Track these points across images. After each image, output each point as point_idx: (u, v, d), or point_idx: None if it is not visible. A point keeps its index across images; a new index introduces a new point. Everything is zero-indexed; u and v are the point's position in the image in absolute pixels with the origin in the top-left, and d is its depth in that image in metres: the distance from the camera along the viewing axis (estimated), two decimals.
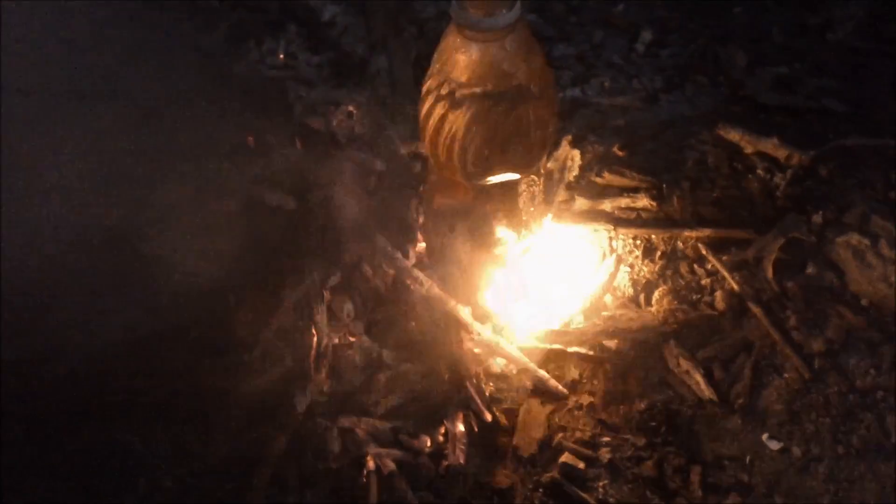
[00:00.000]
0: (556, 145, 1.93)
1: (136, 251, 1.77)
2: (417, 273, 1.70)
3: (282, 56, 2.15)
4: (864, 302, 1.75)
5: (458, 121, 1.41)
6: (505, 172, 1.46)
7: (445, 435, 1.61)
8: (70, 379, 1.63)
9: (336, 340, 1.69)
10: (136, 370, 1.65)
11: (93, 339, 1.65)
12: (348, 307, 1.71)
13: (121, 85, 1.99)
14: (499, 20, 1.32)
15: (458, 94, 1.39)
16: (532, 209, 1.60)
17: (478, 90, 1.38)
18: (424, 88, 1.45)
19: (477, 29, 1.33)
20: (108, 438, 1.58)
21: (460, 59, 1.38)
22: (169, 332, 1.68)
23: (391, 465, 1.56)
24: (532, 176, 1.53)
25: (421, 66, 1.46)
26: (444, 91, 1.40)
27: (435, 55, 1.42)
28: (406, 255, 1.73)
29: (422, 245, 1.77)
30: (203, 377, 1.64)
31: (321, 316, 1.69)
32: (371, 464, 1.57)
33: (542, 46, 1.47)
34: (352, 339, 1.70)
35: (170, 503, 1.52)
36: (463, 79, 1.38)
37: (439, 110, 1.43)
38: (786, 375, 1.67)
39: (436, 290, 1.67)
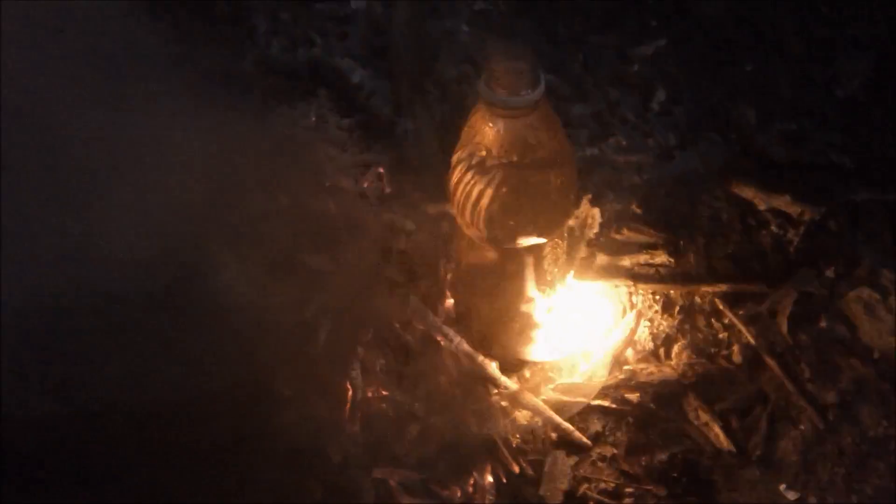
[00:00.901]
0: (577, 204, 2.02)
1: (172, 306, 1.86)
2: (446, 329, 1.78)
3: (313, 119, 2.24)
4: (875, 354, 1.82)
5: (486, 189, 1.49)
6: (530, 237, 1.54)
7: (474, 485, 1.67)
8: (109, 434, 1.72)
9: (369, 394, 1.77)
10: (173, 424, 1.73)
11: (131, 393, 1.74)
12: (381, 362, 1.79)
13: (152, 147, 2.08)
14: (524, 99, 1.41)
15: (485, 165, 1.47)
16: (556, 269, 1.68)
17: (505, 161, 1.46)
18: (455, 158, 1.54)
19: (504, 106, 1.42)
20: (145, 490, 1.66)
21: (488, 132, 1.46)
22: (205, 388, 1.76)
23: None
24: (556, 239, 1.61)
25: (444, 129, 1.55)
26: (473, 161, 1.49)
27: (464, 129, 1.51)
28: (435, 312, 1.82)
29: (450, 302, 1.85)
30: (240, 431, 1.72)
31: (356, 370, 1.77)
32: None
33: (559, 106, 1.56)
34: (384, 392, 1.78)
35: None
36: (492, 151, 1.47)
37: (468, 179, 1.51)
38: (801, 427, 1.73)
39: (464, 346, 1.76)
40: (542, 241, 1.57)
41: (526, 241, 1.56)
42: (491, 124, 1.46)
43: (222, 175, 2.04)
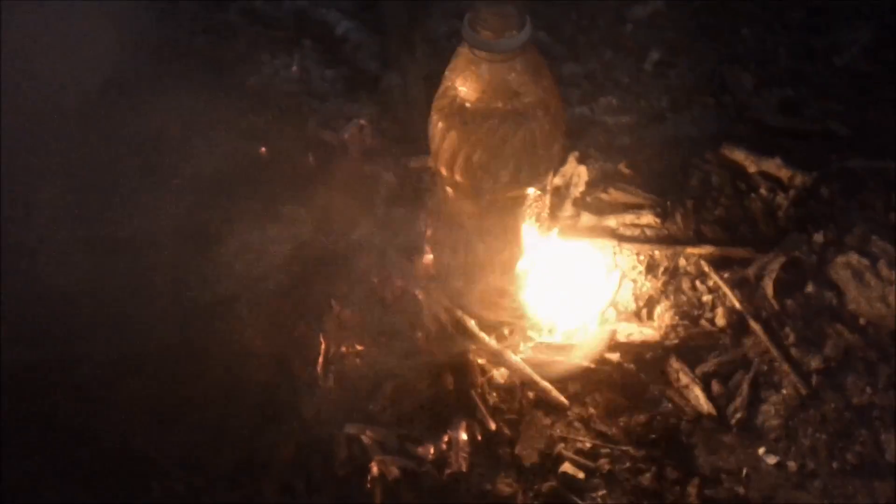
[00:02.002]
0: (564, 161, 1.97)
1: (146, 260, 1.82)
2: (426, 283, 1.74)
3: (296, 69, 2.19)
4: (861, 321, 1.78)
5: (466, 138, 1.45)
6: (512, 189, 1.50)
7: (449, 443, 1.64)
8: (82, 387, 1.69)
9: (344, 349, 1.73)
10: (146, 379, 1.70)
11: (103, 347, 1.71)
12: (356, 317, 1.75)
13: (133, 99, 2.04)
14: (510, 42, 1.36)
15: (467, 113, 1.43)
16: (539, 224, 1.63)
17: (487, 108, 1.42)
18: (435, 105, 1.50)
19: (487, 50, 1.37)
20: (120, 445, 1.63)
21: (470, 77, 1.42)
22: (179, 341, 1.73)
23: (395, 473, 1.60)
24: (539, 192, 1.56)
25: (432, 84, 1.50)
26: (453, 108, 1.44)
27: (446, 73, 1.47)
28: (414, 267, 1.78)
29: (429, 257, 1.81)
30: (213, 386, 1.69)
31: (330, 325, 1.73)
32: (376, 471, 1.60)
33: (552, 65, 1.52)
34: (359, 347, 1.74)
35: None
36: (473, 97, 1.42)
37: (448, 127, 1.47)
38: (783, 392, 1.70)
39: (444, 301, 1.71)
40: (525, 192, 1.53)
41: (508, 193, 1.52)
42: (474, 68, 1.41)
43: (201, 124, 2.00)
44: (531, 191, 1.55)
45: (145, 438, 1.63)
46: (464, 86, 1.42)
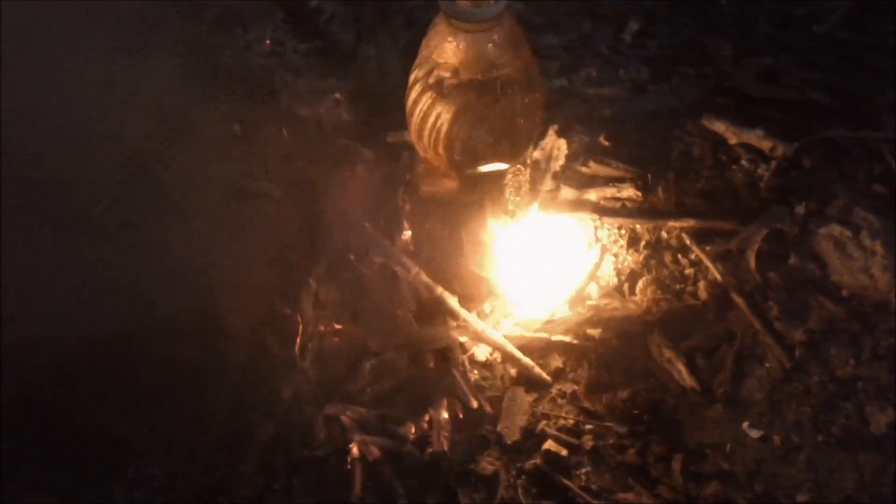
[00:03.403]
0: (543, 135, 1.94)
1: (123, 240, 1.78)
2: (404, 259, 1.70)
3: (269, 42, 2.14)
4: (844, 293, 1.77)
5: (444, 111, 1.41)
6: (491, 162, 1.47)
7: (430, 422, 1.61)
8: (57, 367, 1.65)
9: (322, 328, 1.69)
10: (123, 359, 1.66)
11: (82, 327, 1.67)
12: (334, 295, 1.72)
13: (104, 75, 1.99)
14: (487, 11, 1.33)
15: (445, 84, 1.39)
16: (518, 198, 1.60)
17: (465, 80, 1.38)
18: (411, 78, 1.46)
19: (465, 19, 1.33)
20: (97, 425, 1.59)
21: (448, 48, 1.38)
22: (155, 321, 1.69)
23: (376, 453, 1.57)
24: (519, 165, 1.53)
25: (409, 56, 1.46)
26: (431, 80, 1.41)
27: (422, 44, 1.43)
28: (393, 243, 1.74)
29: (408, 233, 1.78)
30: (190, 366, 1.66)
31: (307, 303, 1.70)
32: (356, 451, 1.57)
33: (530, 36, 1.48)
34: (337, 326, 1.70)
35: (159, 490, 1.53)
36: (450, 69, 1.38)
37: (426, 100, 1.43)
38: (767, 365, 1.68)
39: (423, 277, 1.68)
40: (504, 167, 1.50)
41: (487, 168, 1.49)
42: (451, 39, 1.37)
43: (171, 101, 1.95)
44: (510, 165, 1.52)
45: (120, 419, 1.60)
46: (441, 57, 1.39)
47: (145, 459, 1.57)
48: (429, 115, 1.43)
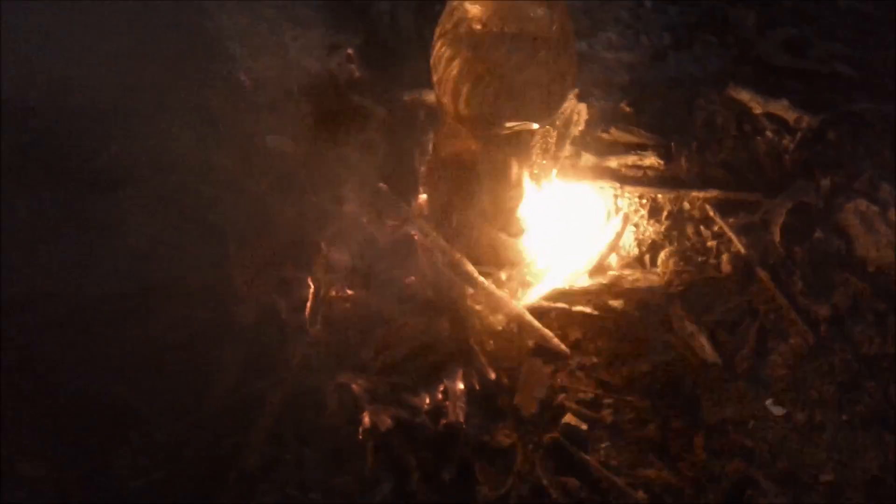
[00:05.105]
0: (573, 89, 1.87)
1: (127, 197, 1.70)
2: (421, 223, 1.63)
3: None
4: (870, 268, 1.73)
5: (474, 65, 1.34)
6: (520, 121, 1.39)
7: (445, 393, 1.56)
8: (61, 325, 1.57)
9: (333, 293, 1.63)
10: (127, 319, 1.59)
11: (83, 284, 1.59)
12: (346, 259, 1.65)
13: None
14: None
15: (476, 37, 1.31)
16: (543, 162, 1.54)
17: (499, 33, 1.30)
18: (438, 30, 1.38)
19: None
20: (98, 389, 1.52)
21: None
22: (161, 281, 1.61)
23: (388, 423, 1.51)
24: (548, 126, 1.46)
25: (424, 12, 1.39)
26: (460, 31, 1.33)
27: None
28: (408, 206, 1.67)
29: (424, 196, 1.71)
30: (198, 329, 1.58)
31: (318, 268, 1.63)
32: (368, 421, 1.51)
33: None
34: (349, 291, 1.64)
35: (165, 459, 1.46)
36: (482, 20, 1.31)
37: (454, 53, 1.36)
38: (791, 341, 1.64)
39: (440, 242, 1.61)
40: (532, 126, 1.43)
41: (516, 127, 1.41)
42: None
43: (175, 50, 1.86)
44: (539, 125, 1.45)
45: (122, 383, 1.52)
46: (473, 6, 1.31)
47: (150, 426, 1.50)
48: (457, 69, 1.35)
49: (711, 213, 1.79)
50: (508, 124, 1.40)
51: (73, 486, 1.44)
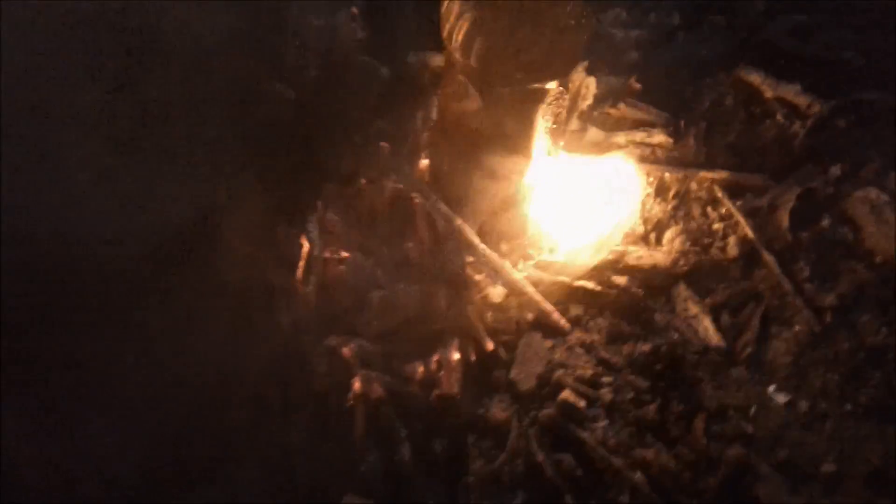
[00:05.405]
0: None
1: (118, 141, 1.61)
2: (422, 186, 1.57)
3: None
4: (878, 259, 1.68)
5: (487, 16, 1.28)
6: (534, 79, 1.34)
7: (439, 363, 1.50)
8: (31, 277, 1.48)
9: (327, 255, 1.56)
10: (107, 276, 1.51)
11: (67, 245, 1.50)
12: (342, 220, 1.58)
13: None
14: None
15: None
16: (556, 127, 1.48)
17: None
18: None
19: None
20: (74, 348, 1.44)
21: None
22: (143, 229, 1.53)
23: (379, 391, 1.45)
24: (561, 88, 1.40)
25: None
26: None
27: None
28: (410, 169, 1.61)
29: (426, 161, 1.65)
30: (181, 281, 1.51)
31: (313, 226, 1.56)
32: (358, 387, 1.45)
33: None
34: (344, 254, 1.57)
35: (138, 417, 1.39)
36: None
37: (466, 3, 1.30)
38: (795, 328, 1.59)
39: (442, 207, 1.55)
40: (546, 85, 1.37)
41: (529, 85, 1.36)
42: None
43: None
44: (552, 85, 1.40)
45: (100, 341, 1.44)
46: None
47: (124, 385, 1.42)
48: (469, 20, 1.30)
49: (719, 195, 1.75)
50: (521, 83, 1.35)
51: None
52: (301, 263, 1.54)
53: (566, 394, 1.50)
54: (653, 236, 1.71)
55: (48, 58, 1.51)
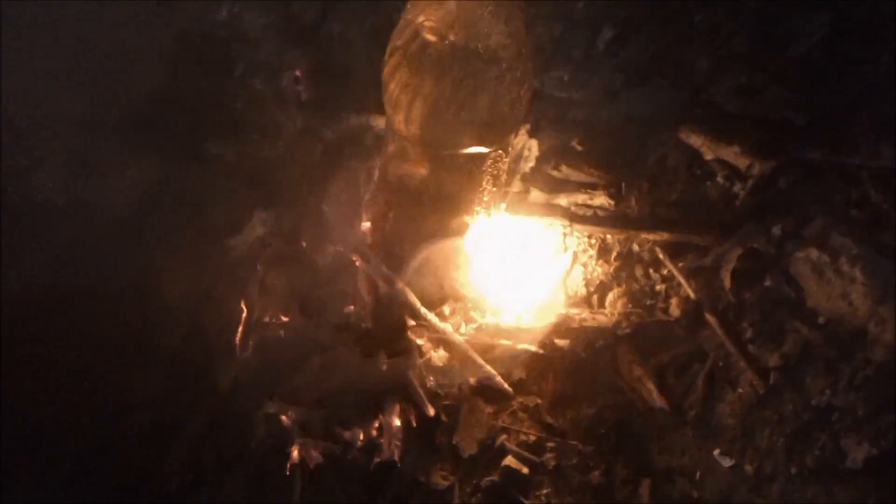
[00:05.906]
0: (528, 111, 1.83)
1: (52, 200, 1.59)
2: (364, 250, 1.55)
3: (225, 14, 1.97)
4: (821, 318, 1.69)
5: (426, 79, 1.28)
6: (472, 143, 1.33)
7: (380, 428, 1.47)
8: None
9: (267, 317, 1.53)
10: (42, 325, 1.47)
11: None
12: (282, 282, 1.56)
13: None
14: None
15: (430, 52, 1.26)
16: (495, 189, 1.48)
17: (454, 48, 1.25)
18: (390, 46, 1.32)
19: None
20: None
21: (437, 11, 1.25)
22: (84, 285, 1.50)
23: (318, 459, 1.42)
24: (500, 151, 1.40)
25: (374, 37, 1.33)
26: (415, 47, 1.27)
27: (407, 6, 1.29)
28: (351, 232, 1.59)
29: (368, 223, 1.63)
30: (116, 337, 1.48)
31: (252, 289, 1.53)
32: (296, 455, 1.41)
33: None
34: (284, 318, 1.54)
35: (66, 481, 1.33)
36: (434, 33, 1.25)
37: (406, 67, 1.30)
38: (740, 389, 1.59)
39: (383, 270, 1.53)
40: (484, 151, 1.37)
41: (469, 150, 1.35)
42: (438, 3, 1.24)
43: (125, 61, 1.77)
44: (494, 149, 1.39)
45: (35, 393, 1.40)
46: (428, 20, 1.25)
47: (57, 442, 1.37)
48: (410, 86, 1.29)
49: (661, 256, 1.75)
50: (461, 148, 1.34)
51: None
52: (240, 327, 1.51)
53: (509, 460, 1.47)
54: (595, 298, 1.70)
55: None
